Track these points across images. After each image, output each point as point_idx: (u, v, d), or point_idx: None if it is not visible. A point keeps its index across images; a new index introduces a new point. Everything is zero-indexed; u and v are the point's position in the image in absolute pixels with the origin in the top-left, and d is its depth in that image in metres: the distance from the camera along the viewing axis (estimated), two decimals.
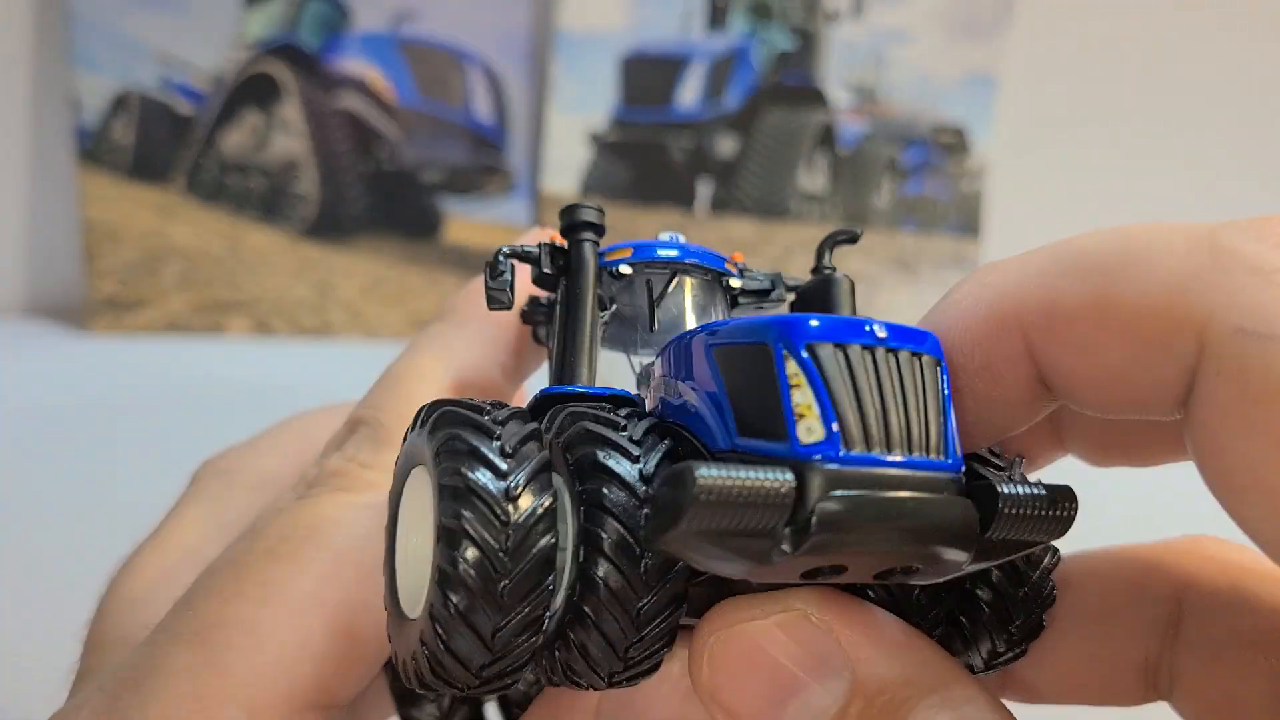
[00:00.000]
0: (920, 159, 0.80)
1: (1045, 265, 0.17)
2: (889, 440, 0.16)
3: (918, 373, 0.16)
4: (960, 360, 0.18)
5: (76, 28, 0.70)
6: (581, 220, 0.22)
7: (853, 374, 0.16)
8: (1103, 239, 0.17)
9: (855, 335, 0.16)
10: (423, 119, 0.74)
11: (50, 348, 0.71)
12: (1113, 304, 0.16)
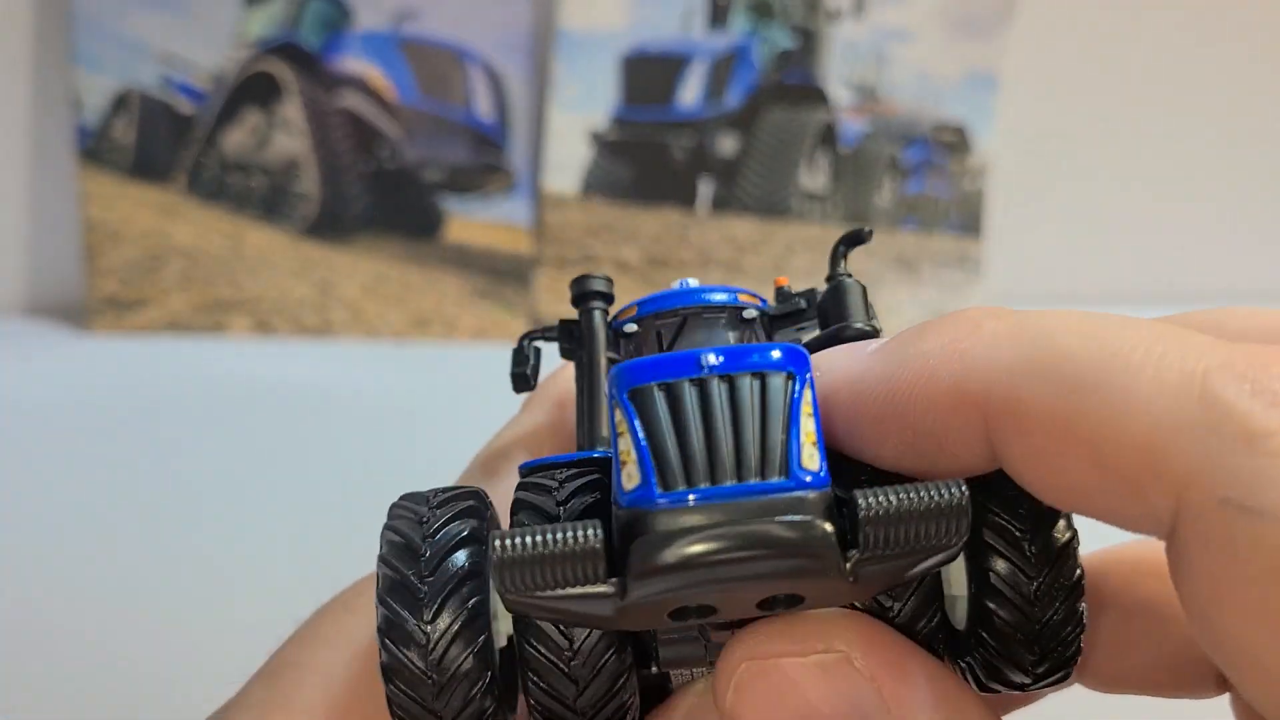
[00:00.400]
0: (921, 158, 0.80)
1: (1020, 357, 0.16)
2: (714, 472, 0.15)
3: (753, 395, 0.16)
4: (911, 417, 0.16)
5: (77, 27, 0.70)
6: (589, 290, 0.22)
7: (674, 411, 0.16)
8: (1085, 343, 0.15)
9: (681, 371, 0.16)
10: (424, 118, 0.74)
11: (51, 347, 0.71)
12: (1082, 426, 0.15)
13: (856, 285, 0.22)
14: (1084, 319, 0.16)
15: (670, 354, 0.17)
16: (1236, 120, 0.85)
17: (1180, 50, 0.83)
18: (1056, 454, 0.15)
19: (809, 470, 0.16)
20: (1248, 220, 0.87)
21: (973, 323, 0.16)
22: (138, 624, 0.45)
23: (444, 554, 0.17)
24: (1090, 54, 0.82)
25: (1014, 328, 0.16)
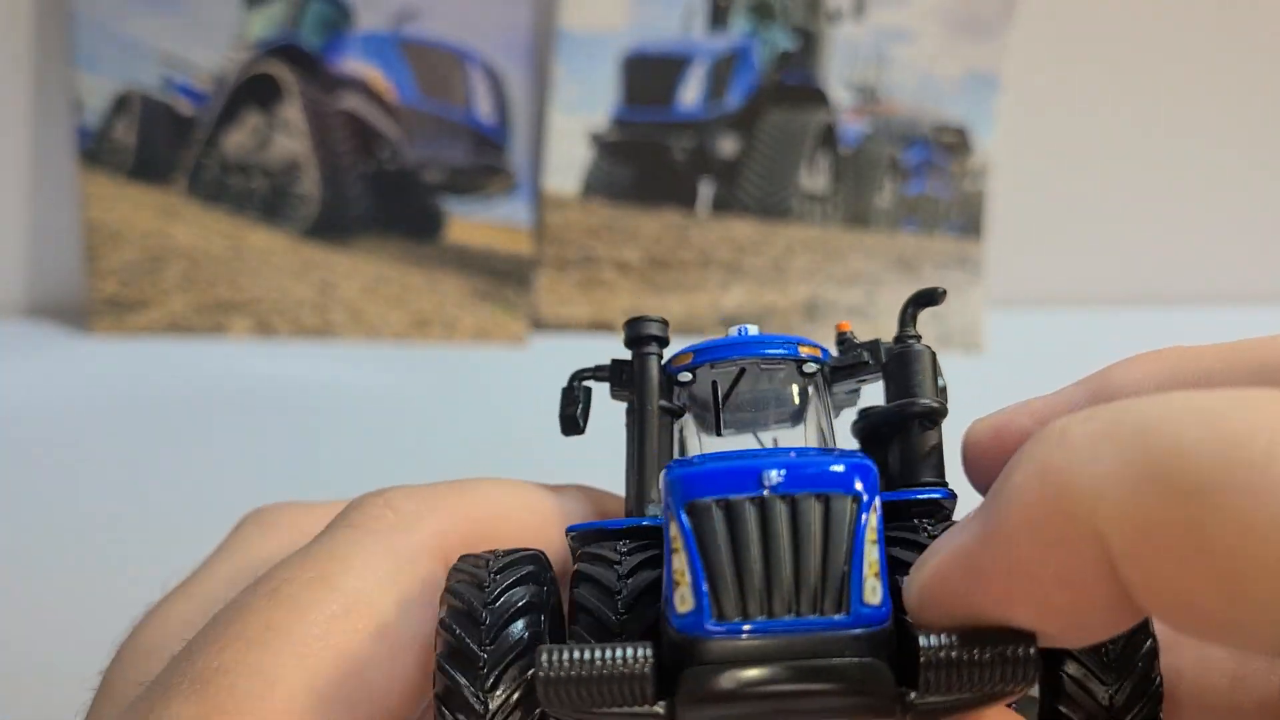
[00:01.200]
0: (922, 158, 0.80)
1: (1122, 461, 0.13)
2: (771, 603, 0.15)
3: (816, 520, 0.15)
4: (1031, 569, 0.14)
5: (78, 28, 0.70)
6: (644, 334, 0.22)
7: (733, 533, 0.15)
8: (1197, 432, 0.12)
9: (741, 488, 0.15)
10: (424, 119, 0.74)
11: (51, 348, 0.71)
12: (1206, 542, 0.12)
13: (925, 351, 0.22)
14: (1189, 398, 0.13)
15: (730, 466, 0.16)
16: (1238, 122, 0.85)
17: (1182, 51, 0.83)
18: (1182, 575, 0.13)
19: (870, 605, 0.15)
20: (1249, 222, 0.87)
21: (1059, 434, 0.14)
22: None
23: (504, 622, 0.17)
24: (1091, 55, 0.82)
25: (1107, 427, 0.14)
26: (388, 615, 0.19)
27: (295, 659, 0.18)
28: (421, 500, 0.21)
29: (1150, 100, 0.84)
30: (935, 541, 0.16)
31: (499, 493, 0.22)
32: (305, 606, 0.19)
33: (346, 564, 0.20)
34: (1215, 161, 0.86)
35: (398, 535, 0.21)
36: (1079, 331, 0.75)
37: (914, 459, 0.21)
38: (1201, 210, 0.87)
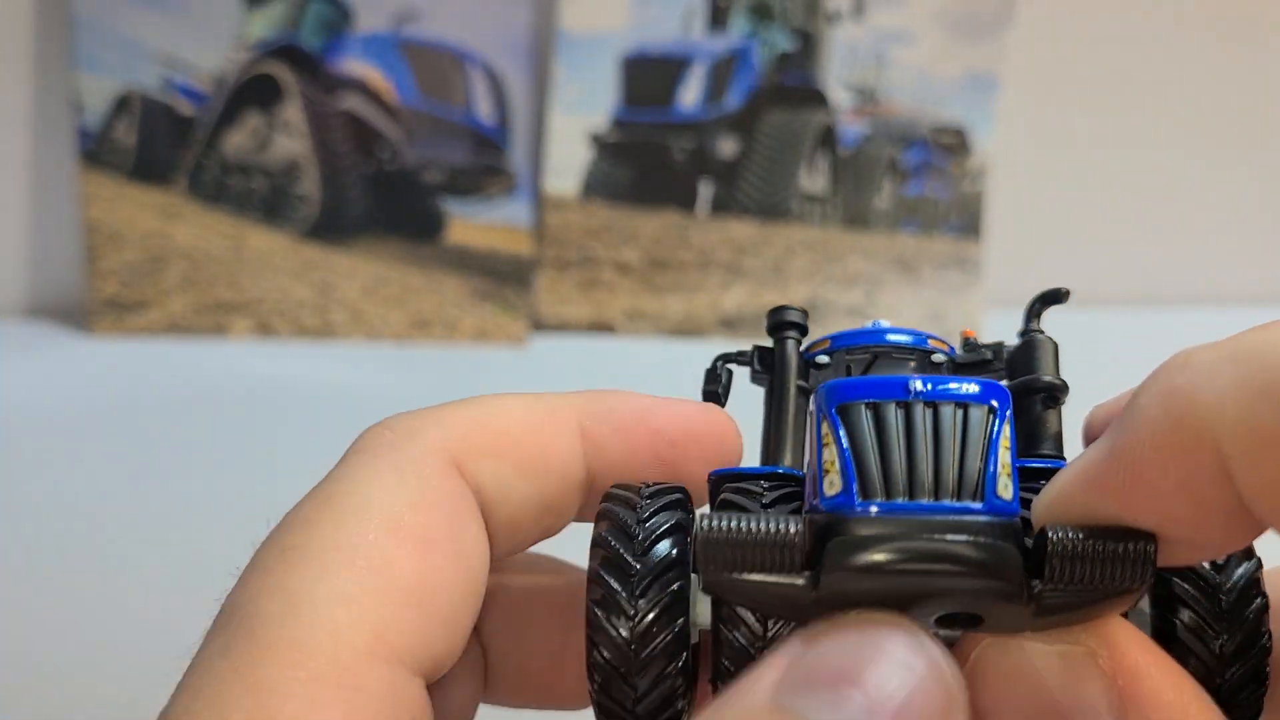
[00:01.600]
0: (921, 159, 0.80)
1: (1241, 378, 0.14)
2: (913, 488, 0.16)
3: (957, 423, 0.17)
4: (1154, 479, 0.16)
5: (78, 29, 0.70)
6: (785, 320, 0.24)
7: (880, 429, 0.17)
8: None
9: (889, 394, 0.17)
10: (424, 120, 0.74)
11: (52, 349, 0.71)
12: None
13: (1049, 342, 0.23)
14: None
15: (879, 377, 0.18)
16: (1236, 122, 0.85)
17: (1180, 52, 0.83)
18: None
19: (1003, 499, 0.16)
20: (1248, 223, 0.88)
21: (1182, 360, 0.16)
22: (139, 625, 0.45)
23: (654, 539, 0.19)
24: (1090, 56, 0.82)
25: (1228, 352, 0.15)
26: (399, 515, 0.20)
27: (317, 570, 0.18)
28: (422, 417, 0.22)
29: (1149, 100, 0.84)
30: (1060, 472, 0.17)
31: (507, 403, 0.23)
32: (314, 524, 0.19)
33: (353, 481, 0.20)
34: (1214, 161, 0.86)
35: (397, 450, 0.21)
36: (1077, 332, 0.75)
37: (1035, 435, 0.22)
38: (1200, 210, 0.87)
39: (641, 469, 0.23)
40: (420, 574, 0.19)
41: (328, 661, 0.17)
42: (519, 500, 0.22)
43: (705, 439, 0.23)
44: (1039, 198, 0.84)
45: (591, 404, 0.23)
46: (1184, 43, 0.83)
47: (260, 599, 0.18)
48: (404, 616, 0.19)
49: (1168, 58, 0.83)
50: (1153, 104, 0.84)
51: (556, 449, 0.22)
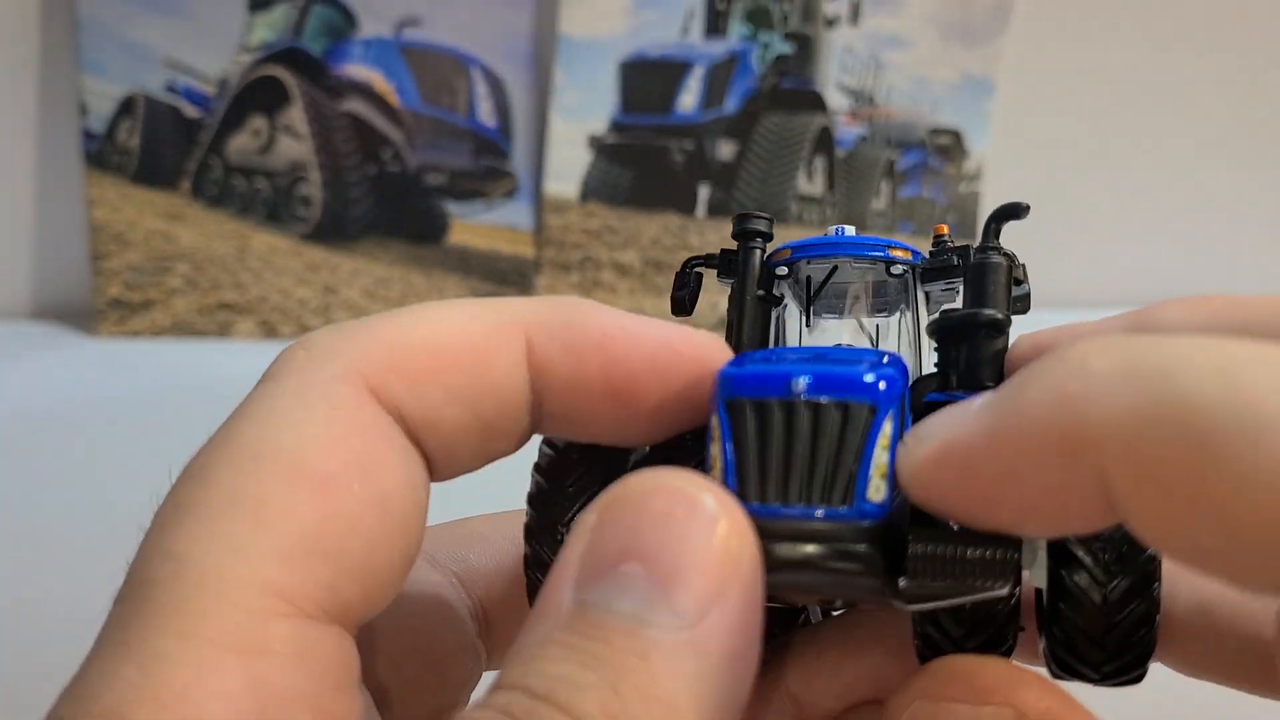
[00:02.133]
0: (917, 162, 0.81)
1: (1136, 403, 0.14)
2: (786, 492, 0.17)
3: (834, 424, 0.17)
4: (1025, 478, 0.15)
5: (83, 33, 0.70)
6: (749, 229, 0.24)
7: (761, 430, 0.17)
8: (1212, 386, 0.13)
9: (773, 391, 0.17)
10: (426, 123, 0.75)
11: (57, 349, 0.72)
12: (1210, 488, 0.13)
13: (1002, 264, 0.22)
14: (1209, 348, 0.14)
15: (768, 370, 0.18)
16: (1232, 125, 0.86)
17: (1175, 55, 0.84)
18: (1181, 515, 0.13)
19: (873, 502, 0.17)
20: (1243, 225, 0.88)
21: (1080, 361, 0.15)
22: None
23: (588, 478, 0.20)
24: (1085, 59, 0.83)
25: (1128, 364, 0.14)
26: (301, 455, 0.18)
27: (207, 527, 0.17)
28: (341, 333, 0.20)
29: (1144, 103, 0.84)
30: (934, 420, 0.17)
31: (443, 315, 0.20)
32: (208, 473, 0.18)
33: (252, 419, 0.18)
34: (1209, 163, 0.86)
35: (307, 375, 0.19)
36: None
37: (976, 364, 0.22)
38: (1196, 212, 0.87)
39: (589, 399, 0.20)
40: (324, 520, 0.18)
41: (221, 625, 0.16)
42: (452, 428, 0.20)
43: (674, 371, 0.20)
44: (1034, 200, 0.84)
45: (547, 316, 0.21)
46: (1178, 46, 0.83)
47: (150, 564, 0.17)
48: (307, 569, 0.17)
49: (1162, 61, 0.84)
50: (1147, 106, 0.85)
51: (497, 369, 0.20)
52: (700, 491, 0.16)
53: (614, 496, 0.17)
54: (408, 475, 0.19)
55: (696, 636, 0.15)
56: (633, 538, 0.16)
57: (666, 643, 0.15)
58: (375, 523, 0.18)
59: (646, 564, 0.15)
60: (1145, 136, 0.85)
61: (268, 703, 0.16)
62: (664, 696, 0.15)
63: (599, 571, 0.16)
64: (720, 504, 0.16)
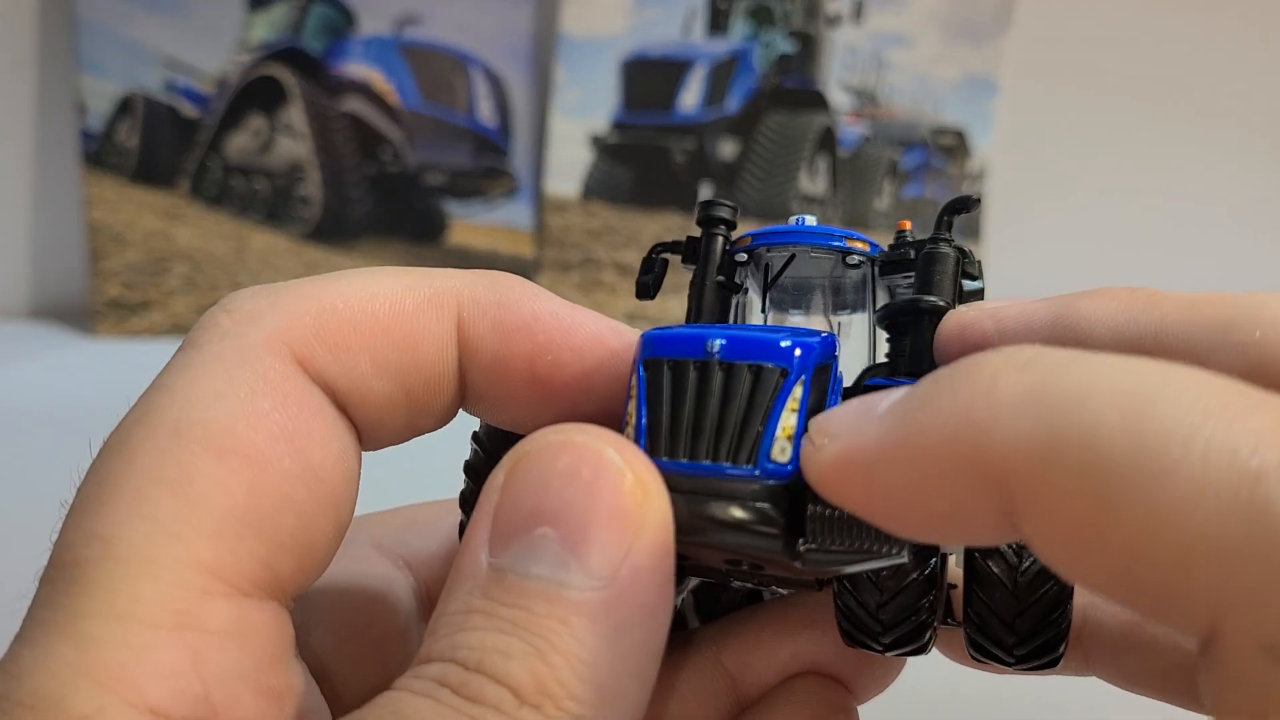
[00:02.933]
0: (920, 161, 0.81)
1: (1041, 431, 0.13)
2: (694, 448, 0.17)
3: (744, 385, 0.17)
4: (927, 494, 0.15)
5: (82, 32, 0.70)
6: (713, 215, 0.24)
7: (675, 388, 0.18)
8: (1118, 417, 0.13)
9: (689, 352, 0.18)
10: (426, 122, 0.75)
11: (55, 350, 0.71)
12: (1111, 524, 0.13)
13: (950, 254, 0.22)
14: (1118, 377, 0.13)
15: (686, 333, 0.18)
16: (1234, 124, 0.86)
17: (1178, 54, 0.83)
18: (1082, 548, 0.13)
19: (776, 462, 0.17)
20: (1245, 224, 0.88)
21: (989, 380, 0.14)
22: None
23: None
24: (1088, 58, 0.83)
25: (1035, 388, 0.14)
26: (226, 429, 0.17)
27: (133, 506, 0.17)
28: (266, 297, 0.19)
29: (1146, 103, 0.84)
30: (839, 415, 0.17)
31: (374, 283, 0.20)
32: (131, 449, 0.17)
33: (173, 391, 0.18)
34: (1211, 163, 0.86)
35: (230, 342, 0.19)
36: None
37: (921, 350, 0.22)
38: (1198, 212, 0.87)
39: (511, 383, 0.20)
40: (255, 496, 0.17)
41: (154, 605, 0.16)
42: (380, 401, 0.20)
43: (602, 366, 0.20)
44: (1037, 200, 0.84)
45: (480, 292, 0.20)
46: (1182, 45, 0.83)
47: (76, 544, 0.17)
48: (240, 546, 0.17)
49: (1165, 60, 0.83)
50: (1150, 106, 0.84)
51: (427, 344, 0.20)
52: (605, 446, 0.16)
53: (522, 453, 0.17)
54: (339, 447, 0.19)
55: (612, 595, 0.15)
56: (541, 496, 0.16)
57: (585, 604, 0.15)
58: (307, 497, 0.18)
59: (557, 526, 0.16)
60: (1148, 135, 0.85)
61: (209, 681, 0.16)
62: (587, 657, 0.15)
63: (512, 534, 0.16)
64: (625, 458, 0.16)
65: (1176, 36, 0.83)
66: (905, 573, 0.19)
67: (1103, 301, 0.19)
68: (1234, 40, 0.84)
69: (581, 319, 0.20)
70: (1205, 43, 0.83)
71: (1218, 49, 0.83)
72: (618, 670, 0.15)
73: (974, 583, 0.20)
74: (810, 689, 0.22)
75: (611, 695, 0.15)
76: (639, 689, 0.16)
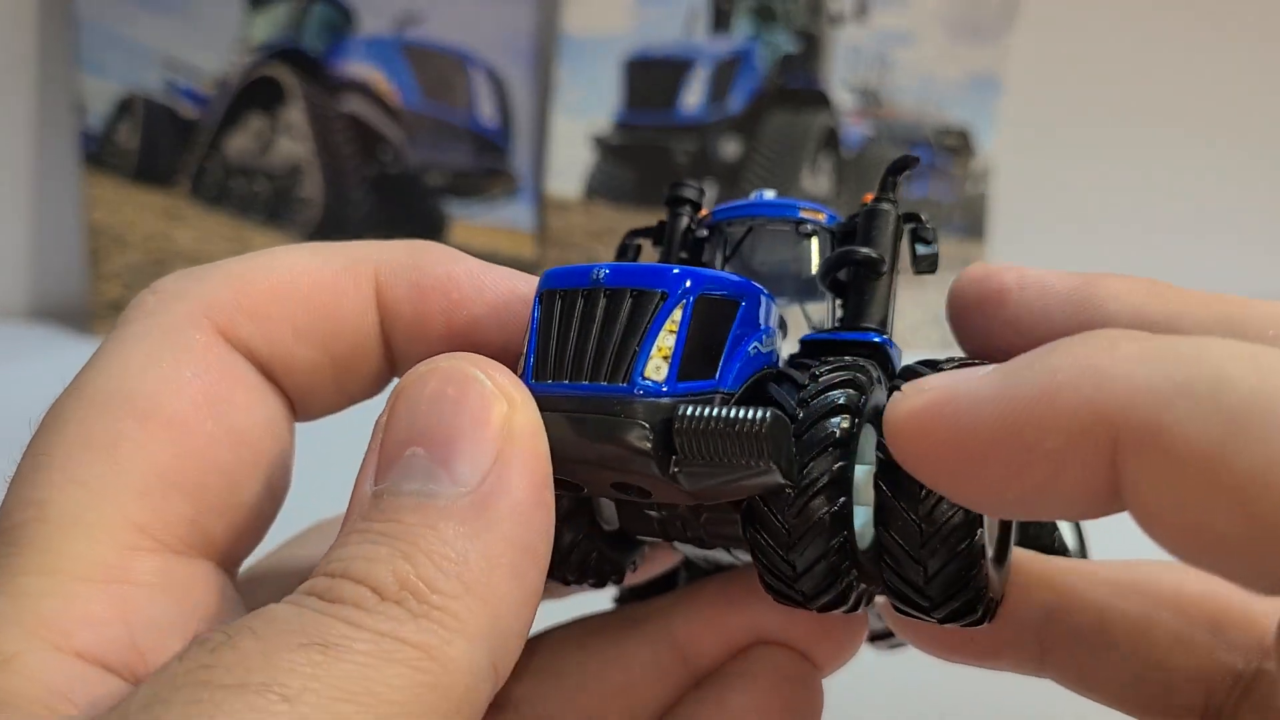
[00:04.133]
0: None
1: (1169, 378, 0.14)
2: (574, 370, 0.18)
3: (624, 309, 0.18)
4: (1028, 439, 0.15)
5: (81, 32, 0.70)
6: (678, 196, 0.24)
7: (562, 316, 0.18)
8: (1253, 372, 0.13)
9: (577, 282, 0.18)
10: (427, 122, 0.74)
11: (55, 350, 0.71)
12: (1237, 466, 0.13)
13: (887, 211, 0.23)
14: (1245, 346, 0.14)
15: (577, 267, 0.19)
16: (1239, 123, 0.85)
17: (1183, 53, 0.83)
18: (1200, 494, 0.13)
19: (651, 380, 0.18)
20: (1250, 224, 0.87)
21: (1108, 341, 0.15)
22: None
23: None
24: (1092, 57, 0.82)
25: (1159, 347, 0.14)
26: (150, 397, 0.19)
27: (64, 474, 0.18)
28: (190, 276, 0.20)
29: (1151, 101, 0.84)
30: (936, 376, 0.17)
31: (291, 257, 0.21)
32: (64, 422, 0.18)
33: (102, 367, 0.19)
34: (1216, 163, 0.86)
35: (155, 318, 0.20)
36: None
37: (859, 305, 0.22)
38: (1202, 211, 0.87)
39: (431, 337, 0.21)
40: (179, 458, 0.18)
41: (84, 561, 0.17)
42: (305, 367, 0.21)
43: (519, 321, 0.21)
44: (1042, 199, 0.84)
45: (397, 258, 0.21)
46: (1186, 43, 0.83)
47: (14, 511, 0.18)
48: (167, 505, 0.18)
49: (1170, 58, 0.83)
50: (1155, 104, 0.84)
51: (345, 309, 0.21)
52: (469, 366, 0.17)
53: (398, 388, 0.17)
54: (264, 413, 0.20)
55: (479, 498, 0.16)
56: (413, 422, 0.17)
57: (452, 509, 0.16)
58: (232, 459, 0.19)
59: (426, 444, 0.16)
60: (1153, 133, 0.84)
61: (135, 629, 0.17)
62: (453, 555, 0.15)
63: (389, 461, 0.17)
64: (489, 374, 0.17)
65: (1181, 35, 0.82)
66: (812, 512, 0.18)
67: (1127, 283, 0.20)
68: (1238, 39, 0.83)
69: (496, 275, 0.21)
70: (1210, 42, 0.83)
71: (1223, 48, 0.83)
72: (489, 569, 0.16)
73: (884, 524, 0.19)
74: (764, 659, 0.22)
75: (482, 592, 0.15)
76: (517, 589, 0.16)
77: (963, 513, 0.18)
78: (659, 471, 0.17)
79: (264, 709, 0.13)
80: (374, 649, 0.14)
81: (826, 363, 0.20)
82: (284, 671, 0.14)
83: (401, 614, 0.15)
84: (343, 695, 0.14)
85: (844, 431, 0.18)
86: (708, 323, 0.18)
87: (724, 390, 0.18)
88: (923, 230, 0.23)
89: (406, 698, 0.14)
